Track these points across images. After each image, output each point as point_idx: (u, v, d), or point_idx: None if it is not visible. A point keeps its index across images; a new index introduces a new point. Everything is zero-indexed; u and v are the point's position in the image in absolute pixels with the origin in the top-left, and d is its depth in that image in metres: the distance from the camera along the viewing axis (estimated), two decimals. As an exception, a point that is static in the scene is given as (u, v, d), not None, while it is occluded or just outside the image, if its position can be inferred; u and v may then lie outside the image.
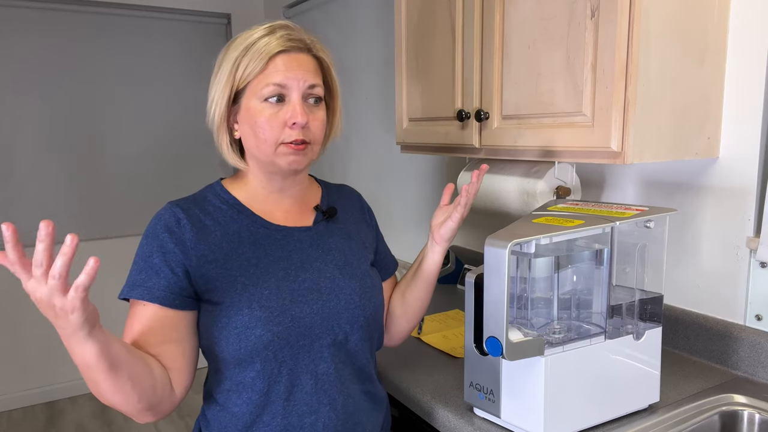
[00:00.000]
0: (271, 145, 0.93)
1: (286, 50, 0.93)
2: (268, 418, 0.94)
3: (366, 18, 2.45)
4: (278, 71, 0.92)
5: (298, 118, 0.91)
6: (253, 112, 0.93)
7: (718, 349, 1.25)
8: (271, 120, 0.92)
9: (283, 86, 0.92)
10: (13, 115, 2.99)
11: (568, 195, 1.32)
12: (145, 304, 0.90)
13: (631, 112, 1.04)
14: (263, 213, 1.00)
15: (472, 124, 1.35)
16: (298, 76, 0.92)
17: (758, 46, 1.15)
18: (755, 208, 1.19)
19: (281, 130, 0.93)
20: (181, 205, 0.96)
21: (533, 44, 1.18)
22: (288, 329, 0.92)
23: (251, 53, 0.92)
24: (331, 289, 0.98)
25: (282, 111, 0.92)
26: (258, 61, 0.92)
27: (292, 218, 1.02)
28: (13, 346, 3.11)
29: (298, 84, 0.93)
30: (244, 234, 0.97)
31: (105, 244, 3.28)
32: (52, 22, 3.01)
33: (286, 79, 0.92)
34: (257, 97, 0.92)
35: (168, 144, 3.37)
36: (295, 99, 0.93)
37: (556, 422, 0.93)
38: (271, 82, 0.92)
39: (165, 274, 0.90)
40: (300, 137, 0.93)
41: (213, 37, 3.44)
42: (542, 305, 1.01)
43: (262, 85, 0.92)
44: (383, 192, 2.44)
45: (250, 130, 0.94)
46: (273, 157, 0.94)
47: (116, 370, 0.79)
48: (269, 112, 0.92)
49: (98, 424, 2.96)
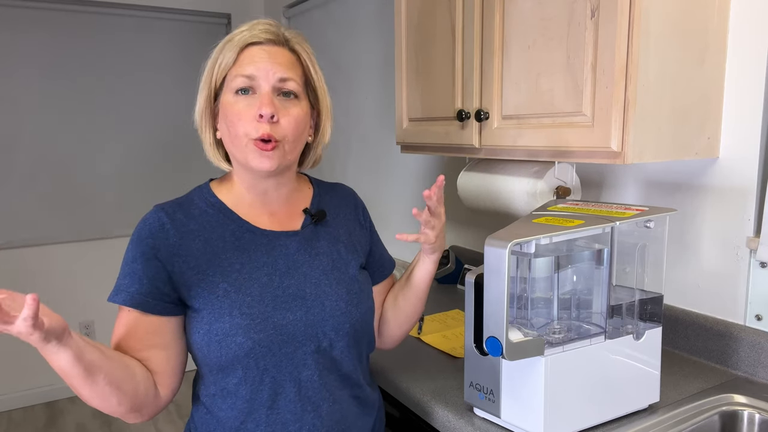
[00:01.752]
0: (242, 139, 0.90)
1: (259, 42, 0.92)
2: (252, 425, 0.93)
3: (366, 18, 2.45)
4: (247, 63, 0.90)
5: (263, 109, 0.88)
6: (226, 105, 0.92)
7: (718, 349, 1.25)
8: (242, 113, 0.90)
9: (252, 77, 0.90)
10: (12, 115, 2.99)
11: (568, 195, 1.32)
12: (129, 309, 0.90)
13: (631, 112, 1.04)
14: (249, 217, 0.98)
15: (472, 124, 1.35)
16: (267, 68, 0.90)
17: (758, 46, 1.15)
18: (755, 208, 1.19)
19: (251, 123, 0.89)
20: (167, 209, 0.95)
21: (533, 44, 1.18)
22: (269, 337, 0.90)
23: (226, 48, 0.93)
24: (317, 295, 0.95)
25: (252, 105, 0.90)
26: (231, 54, 0.91)
27: (279, 222, 1.00)
28: (13, 346, 3.11)
29: (267, 75, 0.90)
30: (229, 239, 0.95)
31: (104, 244, 3.28)
32: (52, 22, 3.01)
33: (256, 70, 0.90)
34: (230, 90, 0.92)
35: (168, 144, 3.37)
36: (264, 91, 0.90)
37: (556, 422, 0.93)
38: (240, 73, 0.90)
39: (147, 281, 0.90)
40: (267, 132, 0.89)
41: (213, 37, 3.44)
42: (542, 305, 1.01)
43: (233, 77, 0.91)
44: (383, 192, 2.44)
45: (225, 127, 0.93)
46: (245, 153, 0.91)
47: (92, 376, 0.79)
48: (240, 105, 0.90)
49: (98, 424, 2.96)
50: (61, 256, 3.18)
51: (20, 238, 3.07)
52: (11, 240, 3.05)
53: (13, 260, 3.07)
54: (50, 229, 3.13)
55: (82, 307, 3.25)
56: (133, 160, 3.30)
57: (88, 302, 3.26)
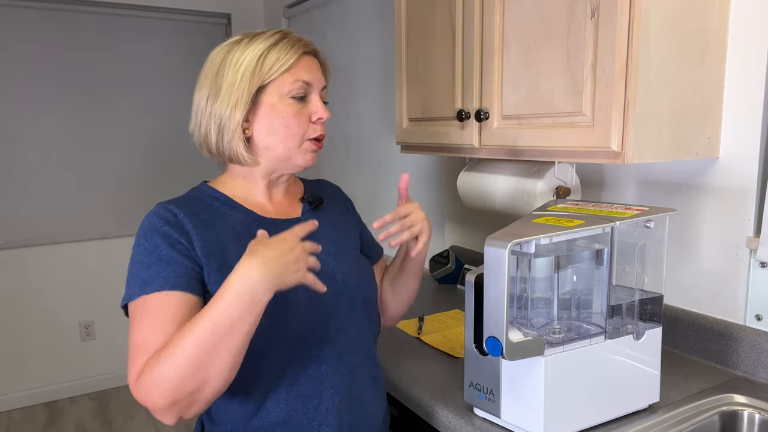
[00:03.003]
0: (298, 140, 0.98)
1: (308, 52, 0.99)
2: (272, 404, 0.94)
3: (366, 18, 2.45)
4: (305, 70, 0.97)
5: (324, 114, 0.99)
6: (279, 107, 0.96)
7: (718, 349, 1.25)
8: (299, 116, 0.97)
9: (309, 84, 0.98)
10: (12, 115, 2.99)
11: (568, 195, 1.32)
12: (166, 294, 0.85)
13: (631, 112, 1.04)
14: (254, 207, 1.02)
15: (472, 124, 1.35)
16: (318, 77, 0.99)
17: (758, 46, 1.15)
18: (755, 208, 1.19)
19: (306, 126, 0.98)
20: (173, 203, 0.96)
21: (533, 44, 1.18)
22: (286, 317, 0.93)
23: (277, 51, 0.95)
24: (327, 273, 1.00)
25: (305, 108, 0.98)
26: (287, 58, 0.95)
27: (281, 211, 1.04)
28: (13, 346, 3.11)
29: (318, 85, 0.99)
30: (239, 227, 0.97)
31: (104, 244, 3.28)
32: (52, 22, 3.01)
33: (312, 79, 0.98)
34: (283, 94, 0.96)
35: (169, 144, 3.37)
36: (315, 97, 0.99)
37: (556, 422, 0.93)
38: (300, 78, 0.96)
39: (180, 262, 0.88)
40: (324, 132, 1.01)
41: (213, 37, 3.44)
42: (542, 305, 1.01)
43: (291, 81, 0.96)
44: (383, 192, 2.44)
45: (271, 127, 0.96)
46: (295, 153, 0.98)
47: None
48: (296, 107, 0.97)
49: (98, 424, 2.96)
50: (61, 256, 3.18)
51: (20, 238, 3.07)
52: (11, 240, 3.05)
53: (13, 260, 3.07)
54: (50, 229, 3.13)
55: (82, 307, 3.25)
56: (133, 160, 3.30)
57: (88, 302, 3.26)
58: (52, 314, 3.18)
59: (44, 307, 3.16)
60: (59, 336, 3.21)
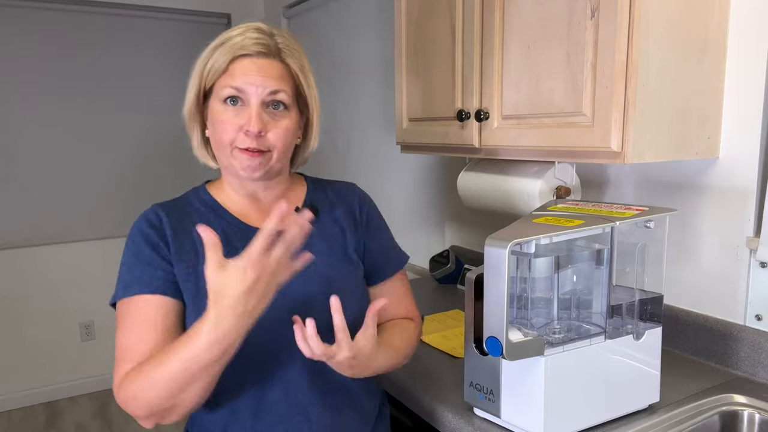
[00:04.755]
0: (227, 147, 0.92)
1: (249, 54, 0.91)
2: (238, 426, 0.92)
3: (366, 18, 2.45)
4: (238, 74, 0.90)
5: (251, 126, 0.89)
6: (214, 112, 0.93)
7: (718, 349, 1.25)
8: (228, 123, 0.91)
9: (241, 90, 0.90)
10: (12, 115, 2.98)
11: (568, 195, 1.32)
12: (146, 298, 0.88)
13: (631, 112, 1.04)
14: (241, 214, 0.98)
15: (472, 124, 1.35)
16: (257, 82, 0.90)
17: (758, 46, 1.15)
18: (755, 208, 1.19)
19: (236, 133, 0.91)
20: (164, 206, 0.97)
21: (533, 44, 1.18)
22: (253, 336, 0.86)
23: (217, 53, 0.93)
24: (303, 293, 0.93)
25: (239, 115, 0.91)
26: (221, 63, 0.92)
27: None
28: (13, 346, 3.11)
29: (257, 90, 0.90)
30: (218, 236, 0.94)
31: (104, 244, 3.28)
32: (52, 22, 3.01)
33: (245, 84, 0.90)
34: (218, 98, 0.92)
35: (169, 144, 3.36)
36: (253, 105, 0.90)
37: (556, 422, 0.93)
38: (229, 84, 0.91)
39: (160, 265, 0.90)
40: (253, 145, 0.90)
41: (213, 37, 3.42)
42: (542, 305, 1.01)
43: (222, 86, 0.91)
44: (383, 192, 2.44)
45: (212, 131, 0.95)
46: (230, 160, 0.93)
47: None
48: (227, 114, 0.91)
49: (98, 424, 2.96)
50: (61, 256, 3.18)
51: (20, 238, 3.07)
52: (11, 240, 3.05)
53: (13, 260, 3.07)
54: (50, 229, 3.13)
55: (82, 307, 3.25)
56: (133, 161, 3.29)
57: (88, 302, 3.26)
58: (52, 314, 3.18)
59: (44, 307, 3.16)
60: (59, 336, 3.21)
